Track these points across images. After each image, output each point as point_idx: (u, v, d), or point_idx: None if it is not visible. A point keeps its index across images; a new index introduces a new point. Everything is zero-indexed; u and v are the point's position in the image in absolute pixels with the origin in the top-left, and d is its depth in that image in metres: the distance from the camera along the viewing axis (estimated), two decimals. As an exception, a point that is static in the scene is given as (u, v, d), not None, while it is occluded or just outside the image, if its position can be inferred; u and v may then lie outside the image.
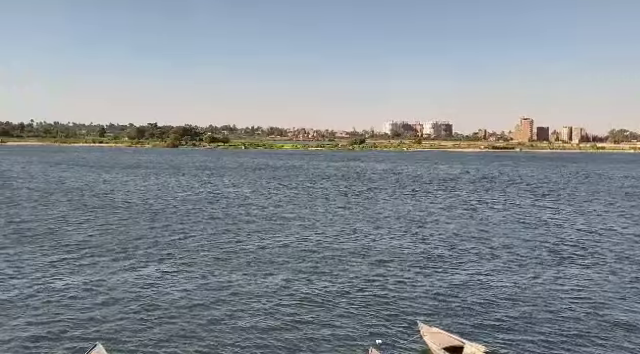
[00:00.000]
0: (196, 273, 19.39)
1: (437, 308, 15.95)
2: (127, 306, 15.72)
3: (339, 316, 15.13)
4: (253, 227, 29.11)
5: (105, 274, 19.13)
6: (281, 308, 15.74)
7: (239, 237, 26.20)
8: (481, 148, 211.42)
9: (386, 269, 20.35)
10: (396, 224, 30.70)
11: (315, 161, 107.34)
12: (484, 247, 24.63)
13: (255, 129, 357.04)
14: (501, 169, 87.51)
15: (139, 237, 25.89)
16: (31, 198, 40.63)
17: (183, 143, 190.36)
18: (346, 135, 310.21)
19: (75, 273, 19.18)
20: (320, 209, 36.76)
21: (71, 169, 74.01)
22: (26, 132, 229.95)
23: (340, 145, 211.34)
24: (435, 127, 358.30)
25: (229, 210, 35.58)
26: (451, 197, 45.22)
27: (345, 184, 56.55)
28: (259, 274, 19.36)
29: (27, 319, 14.52)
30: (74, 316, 14.82)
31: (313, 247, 24.10)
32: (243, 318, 14.87)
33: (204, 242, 24.90)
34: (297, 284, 18.19)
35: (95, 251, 22.75)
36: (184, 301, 16.23)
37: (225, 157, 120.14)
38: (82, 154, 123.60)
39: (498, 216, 34.41)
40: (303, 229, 28.70)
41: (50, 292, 16.89)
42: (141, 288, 17.50)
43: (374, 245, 24.71)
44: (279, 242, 25.06)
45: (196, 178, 61.80)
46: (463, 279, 19.11)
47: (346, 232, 27.95)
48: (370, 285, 18.22)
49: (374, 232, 28.08)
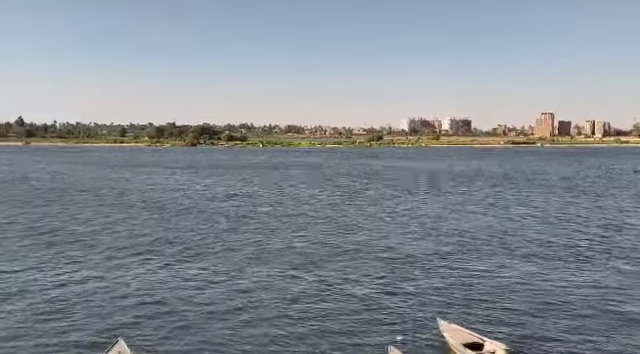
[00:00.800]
0: (217, 271, 19.57)
1: (457, 305, 15.81)
2: (149, 303, 15.95)
3: (358, 313, 15.11)
4: (271, 226, 29.25)
5: (127, 271, 19.43)
6: (300, 305, 15.79)
7: (258, 235, 26.35)
8: (501, 143, 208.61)
9: (405, 266, 20.25)
10: (414, 221, 30.52)
11: (332, 159, 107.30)
12: (503, 244, 24.32)
13: (272, 127, 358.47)
14: (520, 164, 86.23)
15: (161, 235, 26.24)
16: (46, 197, 41.47)
17: (201, 142, 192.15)
18: (363, 132, 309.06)
19: (96, 270, 19.53)
20: (338, 207, 36.75)
21: (90, 168, 75.36)
22: (49, 133, 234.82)
23: (357, 142, 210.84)
24: (453, 123, 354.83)
25: (248, 209, 35.81)
26: (469, 194, 44.74)
27: (361, 181, 56.40)
28: (278, 272, 19.44)
29: (50, 315, 14.84)
30: (96, 312, 15.10)
31: (332, 245, 24.11)
32: (263, 315, 14.95)
33: (225, 240, 25.11)
34: (316, 281, 18.22)
35: (115, 249, 23.13)
36: (205, 299, 16.38)
37: (242, 155, 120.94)
38: (103, 154, 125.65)
39: (517, 212, 33.93)
40: (321, 228, 28.73)
41: (72, 288, 17.23)
42: (162, 285, 17.73)
43: (393, 243, 24.60)
44: (297, 241, 25.14)
45: (215, 177, 62.34)
46: (482, 276, 18.90)
47: (365, 230, 27.90)
48: (389, 282, 18.15)
49: (393, 230, 27.97)
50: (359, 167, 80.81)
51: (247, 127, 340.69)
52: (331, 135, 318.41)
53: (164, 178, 59.90)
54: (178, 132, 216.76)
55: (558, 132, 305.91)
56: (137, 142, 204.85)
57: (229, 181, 56.15)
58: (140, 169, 74.65)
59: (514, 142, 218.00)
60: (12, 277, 18.52)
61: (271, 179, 58.57)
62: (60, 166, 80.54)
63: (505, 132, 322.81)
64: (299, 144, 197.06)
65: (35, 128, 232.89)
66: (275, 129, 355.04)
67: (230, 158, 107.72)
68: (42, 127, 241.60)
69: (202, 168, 77.35)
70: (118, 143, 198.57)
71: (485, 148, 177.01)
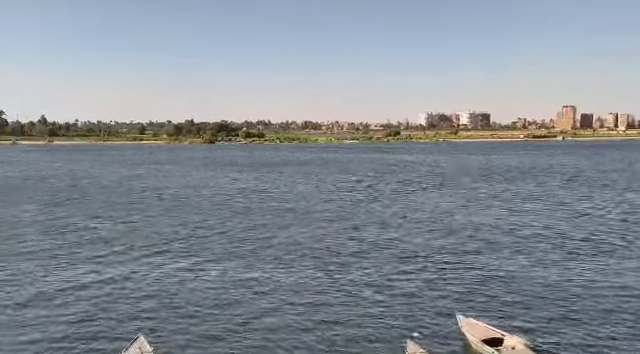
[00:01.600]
0: (236, 267, 19.71)
1: (476, 300, 15.65)
2: (170, 299, 16.15)
3: (376, 309, 15.07)
4: (288, 221, 29.35)
5: (148, 268, 19.71)
6: (318, 301, 15.81)
7: (276, 231, 26.47)
8: (520, 137, 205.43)
9: (423, 261, 20.11)
10: (431, 216, 30.28)
11: (349, 154, 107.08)
12: (523, 239, 23.98)
13: (289, 123, 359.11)
14: (538, 158, 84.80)
15: (179, 231, 26.54)
16: (67, 196, 42.25)
17: (219, 139, 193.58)
18: (380, 127, 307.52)
19: (117, 267, 19.85)
20: (355, 203, 36.68)
21: (112, 166, 76.58)
22: (71, 131, 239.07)
23: (375, 138, 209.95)
24: (472, 117, 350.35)
25: (266, 204, 35.97)
26: (485, 188, 44.20)
27: (379, 177, 56.18)
28: (296, 268, 19.50)
29: (70, 310, 15.13)
30: (116, 308, 15.35)
31: (350, 240, 24.08)
32: (281, 311, 15.02)
33: (242, 236, 25.29)
34: (333, 277, 18.22)
35: (137, 246, 23.46)
36: (226, 296, 16.50)
37: (258, 152, 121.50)
38: (124, 152, 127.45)
39: (536, 206, 33.41)
40: (338, 223, 28.71)
41: (93, 284, 17.55)
42: (184, 283, 17.93)
43: (410, 238, 24.46)
44: (315, 236, 25.18)
45: (232, 173, 62.76)
46: (502, 271, 18.67)
47: (383, 225, 27.79)
48: (407, 277, 18.06)
49: (411, 224, 27.80)
50: (376, 162, 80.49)
51: (264, 124, 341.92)
52: (348, 131, 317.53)
53: (182, 174, 60.55)
54: (196, 129, 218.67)
55: (580, 125, 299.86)
56: (156, 140, 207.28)
57: (247, 178, 56.49)
58: (160, 167, 75.56)
59: (534, 136, 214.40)
60: (33, 274, 18.94)
61: (288, 176, 58.76)
62: (83, 164, 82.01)
63: (525, 125, 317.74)
64: (316, 140, 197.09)
65: (57, 127, 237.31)
66: (292, 125, 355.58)
67: (246, 155, 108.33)
68: (64, 126, 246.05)
69: (219, 165, 77.95)
70: (138, 141, 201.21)
71: (504, 142, 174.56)
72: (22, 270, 19.23)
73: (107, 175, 60.79)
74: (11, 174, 62.75)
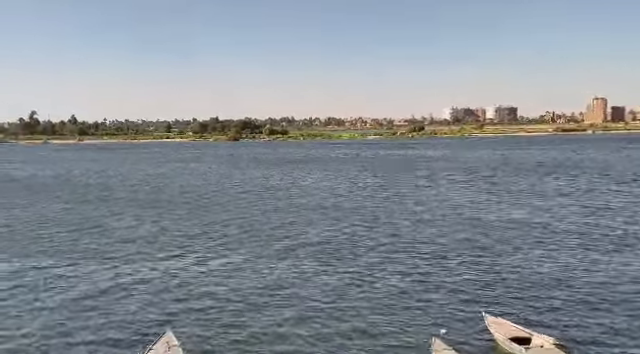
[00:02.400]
0: (263, 265, 19.87)
1: (503, 298, 15.40)
2: (197, 295, 16.40)
3: (402, 306, 14.99)
4: (315, 219, 29.42)
5: (176, 263, 20.05)
6: (345, 298, 15.82)
7: (303, 229, 26.58)
8: (549, 131, 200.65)
9: (450, 258, 19.90)
10: (459, 214, 29.90)
11: (372, 150, 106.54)
12: (550, 235, 23.45)
13: (313, 120, 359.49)
14: (568, 153, 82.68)
15: (207, 229, 26.90)
16: (95, 194, 43.23)
17: (243, 136, 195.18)
18: (404, 123, 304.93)
19: (145, 262, 20.25)
20: (377, 199, 36.52)
21: (137, 165, 78.04)
22: (100, 130, 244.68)
23: (399, 133, 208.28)
24: (498, 111, 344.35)
25: (292, 201, 36.13)
26: (515, 184, 43.37)
27: (400, 173, 55.76)
28: (323, 266, 19.53)
29: (99, 306, 15.52)
30: (145, 303, 15.67)
31: (377, 237, 23.99)
32: (308, 308, 15.07)
33: (270, 234, 25.47)
34: (358, 274, 18.19)
35: (161, 242, 23.88)
36: (254, 292, 16.66)
37: (282, 149, 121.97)
38: (152, 148, 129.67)
39: (563, 202, 32.60)
40: (364, 220, 28.62)
41: (120, 280, 17.95)
42: (212, 278, 18.19)
43: (437, 235, 24.21)
44: (342, 234, 25.17)
45: (256, 170, 63.24)
46: (530, 268, 18.32)
47: (410, 223, 27.58)
48: (434, 274, 17.90)
49: (437, 222, 27.51)
50: (400, 158, 79.89)
51: (288, 120, 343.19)
52: (372, 126, 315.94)
53: (207, 172, 61.31)
54: (221, 127, 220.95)
55: (611, 118, 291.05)
56: (182, 137, 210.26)
57: (272, 174, 56.85)
58: (185, 164, 76.67)
59: (563, 130, 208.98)
60: (62, 271, 19.48)
61: (311, 172, 58.86)
62: (110, 163, 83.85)
63: (553, 119, 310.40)
64: (339, 136, 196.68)
65: (87, 126, 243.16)
66: (315, 122, 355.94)
67: (270, 152, 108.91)
68: (93, 125, 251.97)
69: (244, 162, 78.63)
70: (164, 139, 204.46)
71: (532, 136, 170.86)
72: (50, 268, 19.79)
73: (134, 173, 62.02)
74: (41, 173, 64.62)
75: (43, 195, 41.81)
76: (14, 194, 42.94)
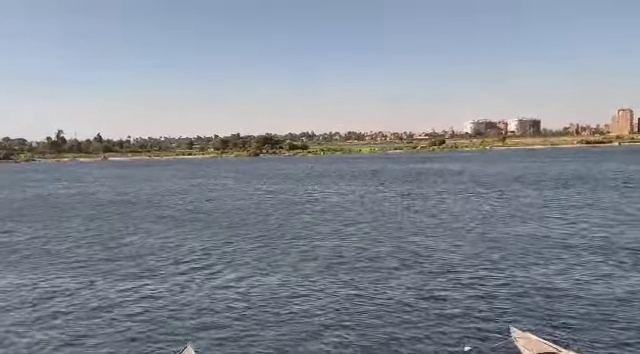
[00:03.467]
0: (284, 280, 19.77)
1: (531, 312, 14.94)
2: (218, 310, 16.36)
3: (425, 320, 14.67)
4: (334, 232, 29.24)
5: (196, 279, 20.09)
6: (367, 314, 15.58)
7: (321, 242, 26.44)
8: (573, 143, 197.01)
9: (474, 272, 19.46)
10: (483, 227, 29.36)
11: (393, 164, 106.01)
12: (579, 250, 22.78)
13: (333, 134, 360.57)
14: (592, 165, 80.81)
15: (226, 244, 26.98)
16: (115, 211, 43.87)
17: (264, 152, 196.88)
18: (425, 136, 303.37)
19: (165, 278, 20.35)
20: (399, 214, 36.17)
21: (158, 182, 79.21)
22: (124, 148, 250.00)
23: (419, 147, 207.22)
24: (521, 124, 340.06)
25: (309, 215, 36.05)
26: (538, 197, 42.48)
27: (423, 185, 55.23)
28: (343, 280, 19.34)
29: (119, 320, 15.59)
30: (165, 318, 15.68)
31: (398, 251, 23.69)
32: (330, 324, 14.87)
33: (289, 248, 25.40)
34: (382, 289, 17.93)
35: (181, 258, 24.00)
36: (273, 307, 16.56)
37: (301, 163, 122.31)
38: (176, 166, 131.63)
39: (590, 216, 31.72)
40: (385, 234, 28.34)
41: (140, 295, 18.04)
42: (232, 293, 18.16)
43: (460, 248, 23.78)
44: (363, 248, 24.95)
45: (274, 185, 63.49)
46: (557, 283, 17.77)
47: (432, 236, 27.20)
48: (458, 288, 17.51)
49: (460, 235, 27.06)
50: (420, 172, 79.27)
51: (308, 135, 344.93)
52: (392, 140, 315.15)
53: (226, 187, 61.80)
54: (242, 143, 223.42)
55: (638, 129, 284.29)
56: (203, 154, 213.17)
57: (291, 188, 56.98)
58: (205, 181, 77.48)
59: (588, 142, 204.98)
60: (80, 286, 19.70)
61: (331, 186, 58.81)
62: (133, 179, 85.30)
63: (578, 131, 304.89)
64: (359, 150, 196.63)
65: (112, 144, 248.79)
66: (335, 136, 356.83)
67: (290, 167, 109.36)
68: (117, 142, 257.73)
69: (265, 177, 79.09)
70: (186, 155, 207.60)
71: (556, 149, 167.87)
72: (68, 284, 20.05)
73: (154, 189, 62.91)
74: (63, 191, 66.09)
75: (64, 212, 42.66)
76: (35, 213, 43.94)
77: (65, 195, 57.91)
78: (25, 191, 64.51)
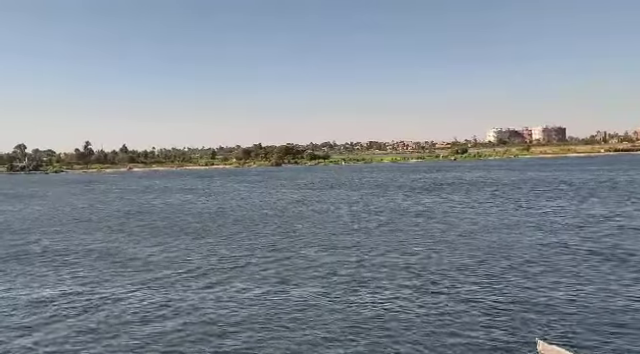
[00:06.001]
0: (292, 290, 19.92)
1: (558, 325, 14.75)
2: (236, 323, 16.58)
3: (447, 334, 14.62)
4: (352, 244, 29.28)
5: (215, 291, 20.38)
6: (387, 325, 15.60)
7: (340, 254, 26.49)
8: (601, 152, 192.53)
9: (499, 282, 19.28)
10: (504, 235, 29.02)
11: (414, 174, 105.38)
12: (611, 259, 22.33)
13: (354, 144, 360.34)
14: (619, 173, 78.82)
15: (243, 255, 27.27)
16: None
17: (285, 161, 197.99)
18: (447, 145, 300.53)
19: (185, 291, 20.70)
20: (420, 224, 35.99)
21: (181, 194, 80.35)
22: (149, 158, 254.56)
23: (441, 156, 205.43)
24: (546, 132, 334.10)
25: (329, 225, 36.17)
26: (563, 207, 41.72)
27: (442, 194, 54.79)
28: (360, 291, 19.38)
29: (136, 333, 15.92)
30: (181, 331, 15.97)
31: (421, 261, 23.62)
32: (349, 335, 14.95)
33: (309, 259, 25.54)
34: (400, 299, 17.92)
35: (201, 270, 24.36)
36: (292, 320, 16.70)
37: (324, 173, 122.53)
38: (200, 174, 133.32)
39: (616, 227, 31.03)
40: (406, 243, 28.26)
41: (160, 309, 18.40)
42: (247, 305, 18.37)
43: (485, 257, 23.57)
44: (385, 258, 24.94)
45: (296, 194, 63.79)
46: (589, 294, 17.47)
47: (457, 245, 27.02)
48: (481, 299, 17.38)
49: (486, 244, 26.81)
50: (442, 181, 78.64)
51: (329, 145, 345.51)
52: (414, 150, 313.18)
53: (247, 197, 62.37)
54: (264, 153, 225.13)
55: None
56: (225, 164, 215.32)
57: (312, 197, 57.21)
58: (225, 190, 78.27)
59: (616, 149, 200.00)
60: (99, 301, 20.16)
61: (350, 195, 58.83)
62: (155, 190, 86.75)
63: (605, 139, 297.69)
64: (381, 160, 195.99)
65: (137, 155, 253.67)
66: (357, 146, 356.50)
67: (311, 176, 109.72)
68: (142, 153, 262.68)
69: (286, 187, 79.53)
70: (209, 165, 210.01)
71: (582, 157, 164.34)
72: (84, 296, 20.56)
73: (177, 202, 63.90)
74: (85, 204, 67.69)
75: (80, 226, 43.70)
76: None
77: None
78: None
